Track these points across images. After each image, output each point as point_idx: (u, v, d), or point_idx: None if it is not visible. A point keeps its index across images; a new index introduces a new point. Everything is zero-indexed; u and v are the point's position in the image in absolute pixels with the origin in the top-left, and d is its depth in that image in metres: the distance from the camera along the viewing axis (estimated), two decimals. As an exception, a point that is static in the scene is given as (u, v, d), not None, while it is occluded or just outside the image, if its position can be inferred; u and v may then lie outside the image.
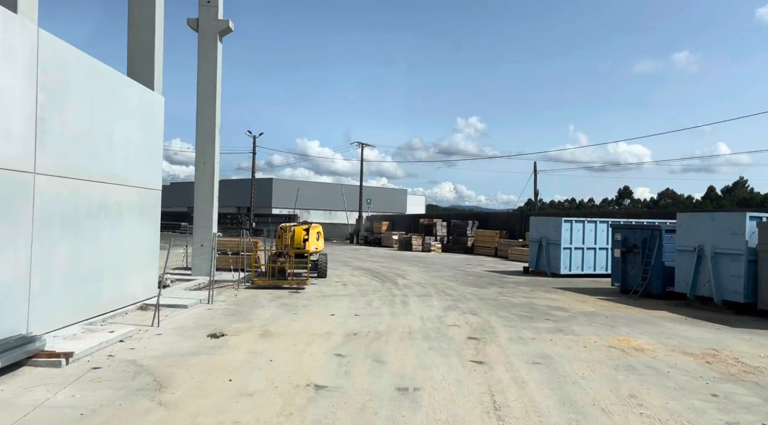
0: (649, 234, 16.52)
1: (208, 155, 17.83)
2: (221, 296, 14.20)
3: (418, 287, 17.64)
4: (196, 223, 17.90)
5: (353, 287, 16.98)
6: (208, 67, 17.70)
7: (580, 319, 12.33)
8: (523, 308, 13.66)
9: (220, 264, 18.67)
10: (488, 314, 12.72)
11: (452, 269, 24.52)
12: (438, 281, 19.59)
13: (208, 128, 17.79)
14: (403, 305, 13.76)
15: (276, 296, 14.56)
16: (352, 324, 11.04)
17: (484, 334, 10.42)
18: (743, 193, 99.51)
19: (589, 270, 22.24)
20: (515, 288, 17.98)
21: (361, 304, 13.71)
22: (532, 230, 23.94)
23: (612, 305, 14.72)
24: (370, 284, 17.94)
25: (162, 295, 13.15)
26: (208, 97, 17.73)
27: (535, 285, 19.07)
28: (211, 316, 11.53)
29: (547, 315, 12.73)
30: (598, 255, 22.36)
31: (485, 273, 23.13)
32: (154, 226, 12.84)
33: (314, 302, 13.74)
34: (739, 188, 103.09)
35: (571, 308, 13.86)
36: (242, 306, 12.89)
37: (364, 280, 19.23)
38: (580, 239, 22.19)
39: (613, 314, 13.11)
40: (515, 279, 20.97)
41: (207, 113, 17.76)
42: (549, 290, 17.59)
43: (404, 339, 9.82)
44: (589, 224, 22.36)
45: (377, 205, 74.93)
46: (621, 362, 8.53)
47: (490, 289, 17.59)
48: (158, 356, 8.11)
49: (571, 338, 10.26)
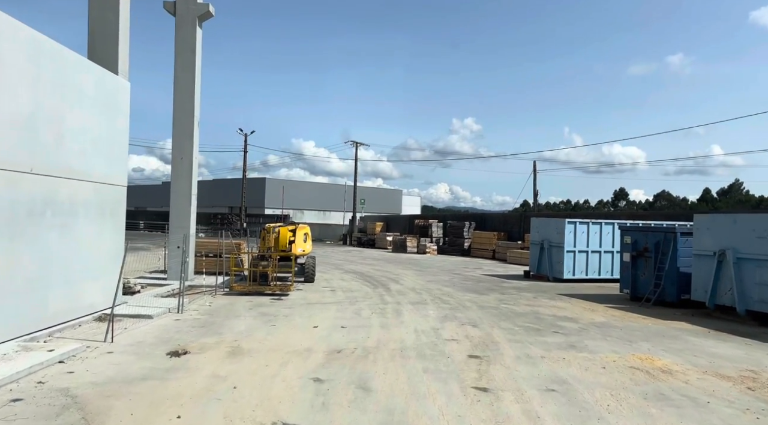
0: (662, 237, 15.27)
1: (186, 150, 16.48)
2: (194, 304, 12.85)
3: (413, 293, 16.34)
4: (173, 223, 16.55)
5: (342, 294, 15.66)
6: (186, 55, 16.36)
7: (593, 332, 11.05)
8: (527, 319, 12.38)
9: (200, 267, 17.32)
10: (490, 325, 11.43)
11: (449, 273, 23.22)
12: (434, 286, 18.29)
13: (185, 121, 16.44)
14: (395, 314, 12.45)
15: (256, 304, 13.22)
16: (336, 339, 9.72)
17: (486, 351, 9.12)
18: (739, 195, 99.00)
19: (593, 275, 20.99)
20: (517, 295, 16.70)
21: (348, 313, 12.39)
22: (533, 232, 22.68)
23: (624, 315, 13.45)
24: (360, 290, 16.62)
25: (128, 303, 11.84)
26: (186, 88, 16.39)
27: (538, 291, 17.80)
28: (178, 328, 10.19)
29: (555, 327, 11.45)
30: (603, 259, 21.11)
31: (484, 278, 21.85)
32: (117, 226, 11.49)
33: (297, 312, 12.41)
34: (735, 190, 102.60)
35: (580, 319, 12.58)
36: (216, 316, 11.55)
37: (355, 285, 17.91)
38: (585, 241, 20.93)
39: (628, 326, 11.84)
40: (516, 284, 19.70)
41: (185, 105, 16.41)
42: (553, 297, 16.32)
43: (395, 357, 8.51)
44: (593, 225, 21.11)
45: (372, 205, 73.62)
46: (649, 388, 7.24)
47: (490, 296, 16.30)
48: (99, 382, 6.77)
49: (586, 356, 8.97)
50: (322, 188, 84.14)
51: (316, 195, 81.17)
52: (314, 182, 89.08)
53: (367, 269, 23.76)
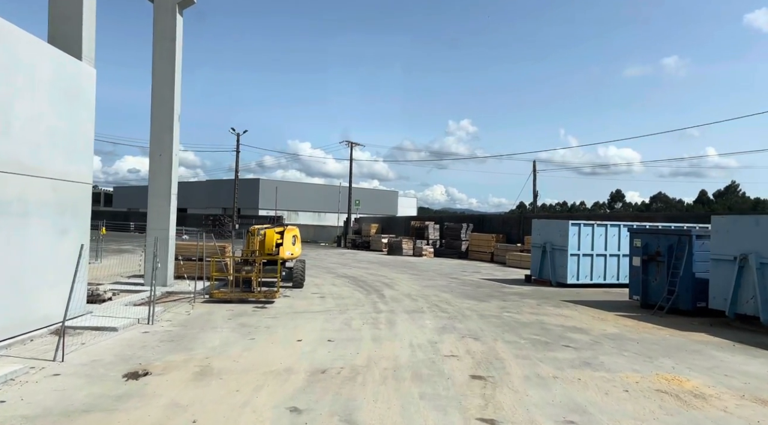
0: (676, 240, 14.23)
1: (165, 146, 15.35)
2: (169, 314, 11.72)
3: (408, 300, 15.24)
4: (150, 224, 15.40)
5: (332, 301, 14.55)
6: (165, 44, 15.24)
7: (607, 346, 9.98)
8: (533, 330, 11.30)
9: (181, 272, 16.19)
10: (493, 338, 10.35)
11: (446, 277, 22.15)
12: (430, 292, 17.20)
13: (164, 115, 15.31)
14: (388, 325, 11.35)
15: (236, 313, 12.11)
16: (321, 355, 8.62)
17: (491, 370, 8.04)
18: (735, 197, 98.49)
19: (599, 279, 19.95)
20: (519, 301, 15.63)
21: (337, 324, 11.29)
22: (535, 234, 21.62)
23: (637, 324, 12.39)
24: (352, 297, 15.51)
25: (93, 313, 10.72)
26: (165, 79, 15.26)
27: (541, 297, 16.73)
28: (144, 343, 9.06)
29: (564, 339, 10.38)
30: (608, 263, 20.07)
31: (483, 282, 20.77)
32: (80, 228, 10.37)
33: (281, 322, 11.30)
34: (732, 192, 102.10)
35: (590, 330, 11.52)
36: (190, 328, 10.43)
37: (346, 291, 16.80)
38: (589, 244, 19.89)
39: (644, 338, 10.78)
40: (517, 290, 18.63)
41: (164, 97, 15.29)
42: (558, 304, 15.26)
43: (387, 379, 7.42)
44: (599, 227, 20.08)
45: (368, 207, 72.51)
46: (684, 419, 6.18)
47: (491, 303, 15.22)
48: (31, 415, 5.66)
49: (604, 376, 7.90)
50: (318, 189, 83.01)
51: (311, 196, 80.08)
52: (309, 183, 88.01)
53: (361, 274, 22.65)
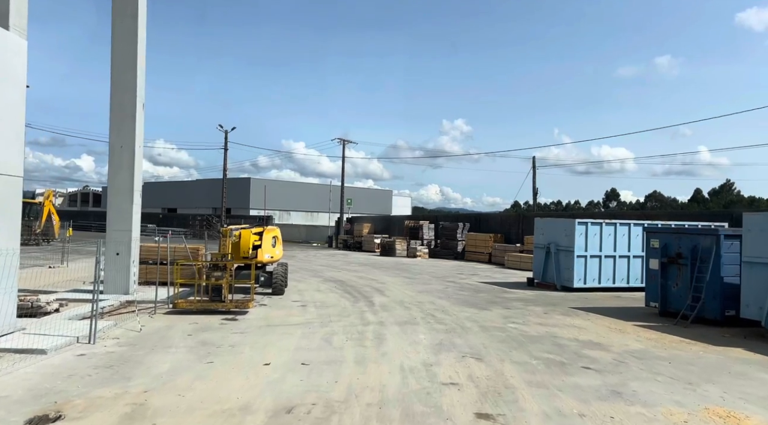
0: (700, 241, 12.67)
1: (127, 137, 13.66)
2: (119, 330, 10.04)
3: (400, 308, 13.62)
4: (111, 225, 13.71)
5: (314, 311, 12.90)
6: (125, 21, 13.55)
7: (634, 367, 8.39)
8: (545, 346, 9.71)
9: (145, 277, 14.51)
10: (499, 357, 8.75)
11: (442, 281, 20.54)
12: (425, 298, 15.58)
13: (126, 102, 13.63)
14: (376, 341, 9.72)
15: (200, 327, 10.45)
16: (291, 385, 6.99)
17: (500, 404, 6.43)
18: (730, 195, 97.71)
19: (607, 283, 18.39)
20: (524, 309, 14.04)
21: (316, 340, 9.65)
22: (537, 234, 20.05)
23: (662, 338, 10.82)
24: (337, 305, 13.87)
25: (25, 330, 9.04)
26: (126, 61, 13.58)
27: (547, 304, 15.15)
28: (73, 371, 7.40)
29: (582, 359, 8.79)
30: (618, 265, 18.52)
31: (482, 286, 19.18)
32: (8, 229, 8.69)
33: (250, 338, 9.64)
34: (727, 191, 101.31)
35: (610, 345, 9.93)
36: (139, 348, 8.77)
37: (332, 298, 15.16)
38: (597, 244, 18.33)
39: (675, 356, 9.20)
40: (520, 295, 17.04)
41: (125, 82, 13.60)
42: (567, 312, 13.68)
43: (371, 421, 5.80)
44: (607, 226, 18.51)
45: (362, 207, 70.87)
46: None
47: (493, 311, 13.62)
48: None
49: (641, 412, 6.31)
50: (310, 188, 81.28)
51: (303, 196, 78.39)
52: (301, 182, 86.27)
53: (350, 277, 21.00)
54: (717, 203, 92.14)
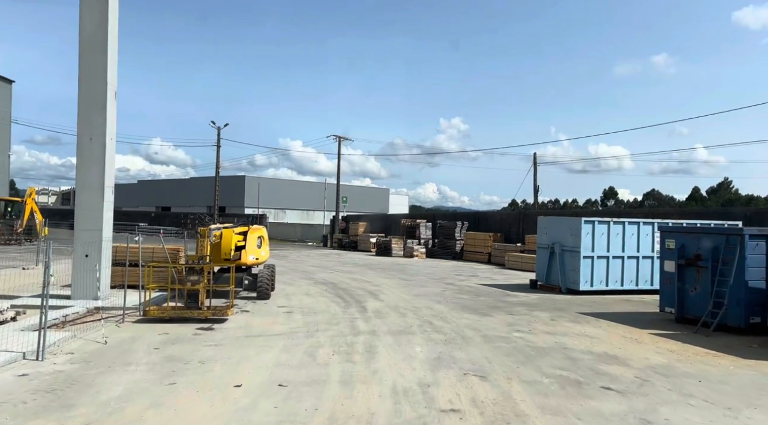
0: (722, 241, 11.60)
1: (97, 128, 12.53)
2: (77, 342, 8.93)
3: (395, 314, 12.53)
4: (79, 224, 12.59)
5: (300, 318, 11.80)
6: (94, 2, 12.42)
7: (661, 387, 7.32)
8: (556, 360, 8.63)
9: (117, 281, 13.39)
10: (505, 375, 7.67)
11: (440, 283, 19.46)
12: (422, 302, 14.50)
13: (95, 89, 12.50)
14: (367, 356, 8.63)
15: (170, 339, 9.34)
16: (262, 413, 5.90)
17: (511, 440, 5.35)
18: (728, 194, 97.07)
19: (615, 285, 17.34)
20: (529, 315, 12.97)
21: (299, 355, 8.55)
22: (541, 233, 18.99)
23: (684, 349, 9.75)
24: (326, 311, 12.78)
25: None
26: (95, 43, 12.44)
27: (553, 308, 14.08)
28: (6, 397, 6.28)
29: (601, 376, 7.71)
30: (626, 266, 17.46)
31: (483, 289, 18.10)
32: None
33: (224, 353, 8.54)
34: (724, 189, 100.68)
35: (629, 358, 8.86)
36: (93, 365, 7.66)
37: (321, 303, 14.06)
38: (605, 244, 17.27)
39: (704, 373, 8.14)
40: (523, 298, 15.97)
41: (94, 67, 12.47)
42: (576, 318, 12.62)
43: (353, 466, 4.71)
44: (615, 225, 17.45)
45: (358, 205, 69.80)
46: None
47: (496, 317, 12.55)
48: None
49: (682, 450, 5.23)
50: (306, 186, 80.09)
51: (299, 194, 77.26)
52: (297, 180, 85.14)
53: (343, 279, 19.90)
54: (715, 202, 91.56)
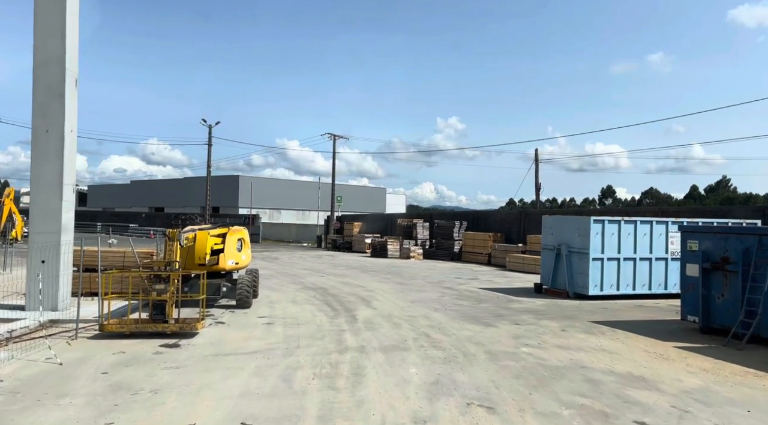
0: (754, 242, 10.35)
1: (54, 119, 11.23)
2: (15, 364, 7.61)
3: (388, 325, 11.25)
4: (34, 226, 11.27)
5: (281, 331, 10.51)
6: (51, -23, 11.11)
7: (705, 419, 6.06)
8: (574, 383, 7.37)
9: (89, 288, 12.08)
10: (517, 405, 6.40)
11: (438, 287, 18.19)
12: (419, 311, 13.22)
13: (53, 76, 11.20)
14: (353, 380, 7.35)
15: (125, 360, 8.04)
16: (213, 469, 4.62)
17: None
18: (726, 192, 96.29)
19: (627, 289, 16.08)
20: (536, 324, 11.71)
21: (272, 379, 7.27)
22: (546, 233, 17.73)
23: (719, 366, 8.50)
24: (312, 321, 11.49)
25: None
26: (52, 25, 11.15)
27: (562, 316, 12.83)
28: None
29: (630, 406, 6.45)
30: (638, 269, 16.20)
31: (484, 294, 16.83)
32: None
33: (184, 378, 7.25)
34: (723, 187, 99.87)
35: (658, 380, 7.60)
36: (19, 398, 6.35)
37: (307, 312, 12.77)
38: (615, 245, 16.02)
39: (749, 398, 6.88)
40: (528, 304, 14.71)
41: (51, 52, 11.17)
42: (589, 329, 11.36)
43: None
44: (626, 225, 16.19)
45: (354, 205, 68.52)
46: None
47: (500, 327, 11.28)
48: None
49: None
50: (302, 186, 78.70)
51: (295, 194, 75.87)
52: (293, 180, 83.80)
53: (334, 284, 18.61)
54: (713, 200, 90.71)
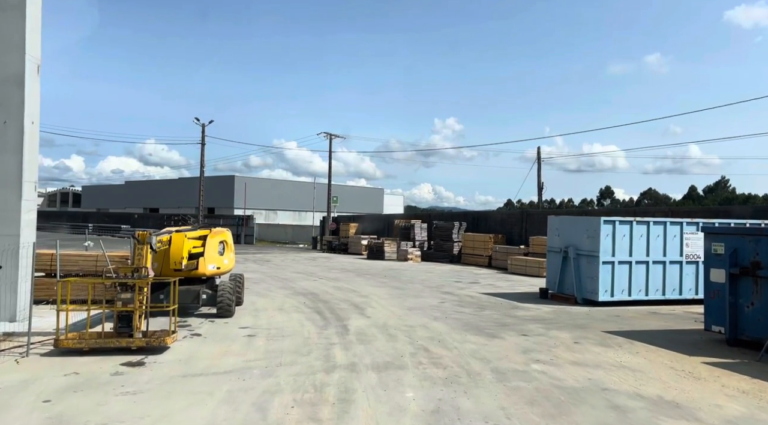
0: (790, 245, 9.31)
1: (12, 108, 10.16)
2: (-59, 391, 6.53)
3: (382, 338, 10.17)
4: (-10, 228, 10.19)
5: (262, 344, 9.42)
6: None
7: (764, 463, 5.00)
8: (598, 410, 6.31)
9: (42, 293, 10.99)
10: (534, 443, 5.33)
11: (437, 292, 17.13)
12: (417, 320, 12.16)
13: (10, 61, 10.12)
14: (339, 409, 6.27)
15: (77, 383, 6.95)
16: None
17: None
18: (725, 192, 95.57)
19: (639, 295, 15.04)
20: (546, 336, 10.64)
21: (245, 408, 6.19)
22: (552, 235, 16.69)
23: (759, 388, 7.44)
24: (298, 333, 10.41)
25: None
26: (8, 3, 10.05)
27: (573, 326, 11.78)
28: None
29: (670, 444, 5.38)
30: (651, 273, 15.15)
31: (486, 300, 15.77)
32: None
33: (139, 408, 6.15)
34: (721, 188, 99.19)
35: (695, 407, 6.54)
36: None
37: (294, 321, 11.68)
38: (627, 248, 14.97)
39: (808, 432, 5.82)
40: (535, 312, 13.65)
41: (8, 36, 10.08)
42: (604, 340, 10.30)
43: None
44: (639, 225, 15.14)
45: (352, 206, 67.46)
46: None
47: (507, 339, 10.21)
48: None
49: None
50: (299, 186, 77.57)
51: (292, 194, 74.76)
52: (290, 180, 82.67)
53: (326, 288, 17.53)
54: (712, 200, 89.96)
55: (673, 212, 21.15)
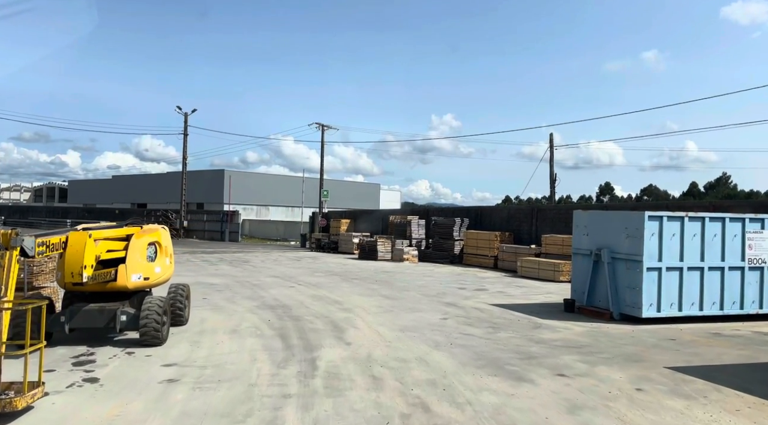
0: None
1: None
2: None
3: (363, 383, 7.08)
4: None
5: (179, 399, 6.32)
6: None
7: None
8: None
9: None
10: None
11: (438, 303, 14.07)
12: (412, 348, 9.09)
13: None
14: None
15: None
16: None
17: None
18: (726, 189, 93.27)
19: (692, 309, 12.00)
20: (590, 375, 7.59)
21: None
22: (579, 233, 13.64)
23: None
24: (242, 376, 7.31)
25: None
26: None
27: (623, 358, 8.72)
28: None
29: None
30: (707, 281, 12.12)
31: (499, 313, 12.71)
32: None
33: None
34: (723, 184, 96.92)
35: None
36: None
37: (245, 350, 8.58)
38: (677, 251, 11.93)
39: None
40: (564, 333, 10.61)
41: None
42: (677, 385, 7.26)
43: None
44: (692, 223, 12.09)
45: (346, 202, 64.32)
46: None
47: (539, 383, 7.14)
48: None
49: None
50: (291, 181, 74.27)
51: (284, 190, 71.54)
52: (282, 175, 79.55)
53: (303, 298, 14.44)
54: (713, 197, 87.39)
55: (715, 206, 18.10)
